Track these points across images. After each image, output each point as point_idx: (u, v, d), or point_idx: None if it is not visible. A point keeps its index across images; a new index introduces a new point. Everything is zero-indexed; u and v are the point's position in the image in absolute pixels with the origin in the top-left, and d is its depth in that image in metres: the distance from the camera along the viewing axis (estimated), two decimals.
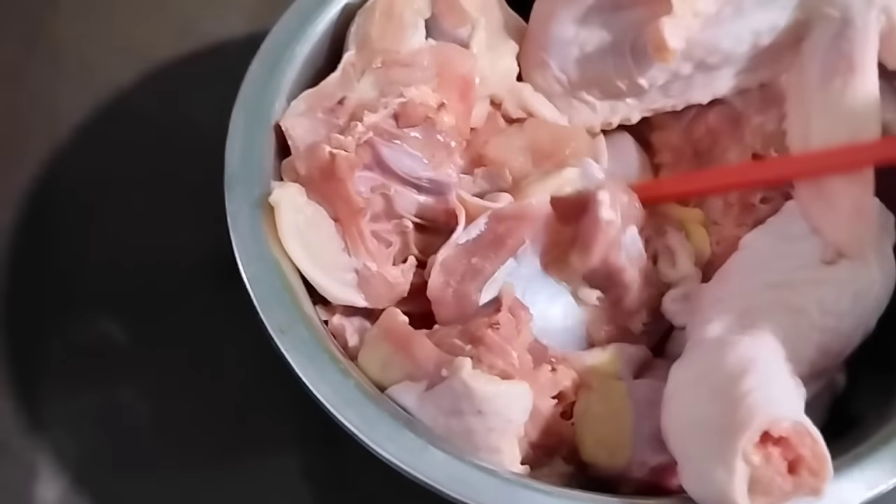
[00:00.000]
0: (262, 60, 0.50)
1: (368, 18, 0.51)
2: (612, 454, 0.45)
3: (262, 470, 0.53)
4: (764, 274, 0.46)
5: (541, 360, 0.45)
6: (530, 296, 0.48)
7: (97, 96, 0.65)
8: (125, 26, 0.68)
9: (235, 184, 0.46)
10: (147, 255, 0.59)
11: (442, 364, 0.42)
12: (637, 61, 0.50)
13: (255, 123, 0.48)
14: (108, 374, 0.55)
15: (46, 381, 0.55)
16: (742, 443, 0.37)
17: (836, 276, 0.45)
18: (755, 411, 0.38)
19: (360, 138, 0.47)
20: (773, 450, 0.38)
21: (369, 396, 0.42)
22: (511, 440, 0.43)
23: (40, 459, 0.53)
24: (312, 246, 0.46)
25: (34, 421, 0.54)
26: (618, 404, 0.45)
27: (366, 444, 0.41)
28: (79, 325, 0.57)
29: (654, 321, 0.50)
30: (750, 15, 0.48)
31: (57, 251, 0.59)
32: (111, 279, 0.58)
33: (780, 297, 0.45)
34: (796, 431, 0.38)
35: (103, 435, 0.54)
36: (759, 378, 0.40)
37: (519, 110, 0.53)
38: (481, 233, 0.47)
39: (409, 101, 0.48)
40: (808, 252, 0.46)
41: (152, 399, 0.55)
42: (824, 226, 0.46)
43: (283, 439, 0.54)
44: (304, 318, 0.44)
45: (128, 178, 0.62)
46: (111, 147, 0.63)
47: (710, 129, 0.53)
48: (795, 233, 0.47)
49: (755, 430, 0.37)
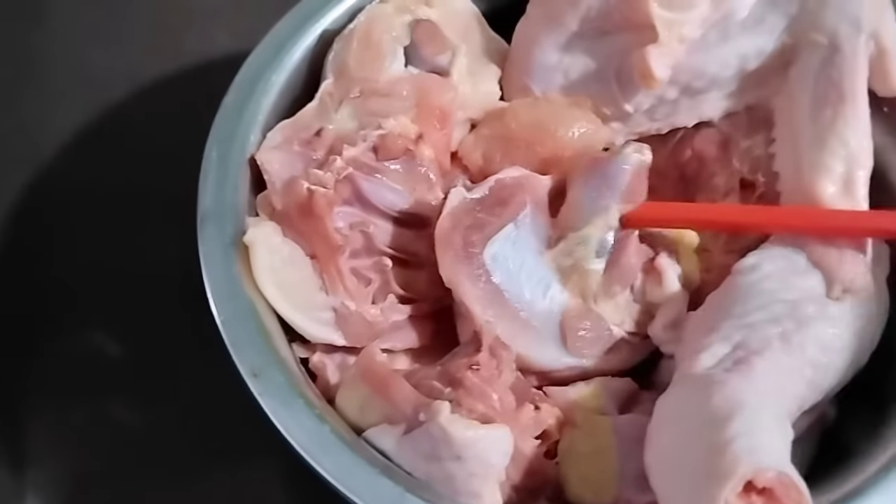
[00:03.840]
0: (236, 91, 0.49)
1: (346, 46, 0.50)
2: (597, 493, 0.44)
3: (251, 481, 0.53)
4: (765, 306, 0.45)
5: (523, 400, 0.44)
6: (525, 273, 0.47)
7: (85, 115, 0.65)
8: (112, 47, 0.68)
9: (208, 221, 0.45)
10: (135, 269, 0.59)
11: (420, 407, 0.41)
12: (622, 87, 0.50)
13: (229, 157, 0.47)
14: (97, 386, 0.56)
15: (34, 394, 0.55)
16: (725, 492, 0.36)
17: (840, 312, 0.45)
18: (739, 459, 0.37)
19: (340, 173, 0.46)
20: (757, 499, 0.37)
21: (345, 442, 0.41)
22: (492, 485, 0.42)
23: (28, 472, 0.53)
24: (288, 286, 0.45)
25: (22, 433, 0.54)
26: (603, 442, 0.44)
27: (341, 493, 0.40)
28: (67, 337, 0.57)
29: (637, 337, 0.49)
30: (736, 39, 0.48)
31: (45, 266, 0.60)
32: (99, 293, 0.58)
33: (780, 332, 0.44)
34: (781, 483, 0.37)
35: (91, 447, 0.54)
36: (746, 423, 0.38)
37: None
38: (485, 195, 0.47)
39: (388, 133, 0.47)
40: (814, 286, 0.45)
41: (141, 411, 0.55)
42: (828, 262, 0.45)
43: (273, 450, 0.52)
44: (278, 362, 0.43)
45: (116, 195, 0.62)
46: (99, 164, 0.64)
47: (696, 152, 0.52)
48: (800, 264, 0.46)
49: (738, 479, 0.36)
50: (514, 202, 0.48)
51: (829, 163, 0.45)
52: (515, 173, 0.49)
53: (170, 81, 0.67)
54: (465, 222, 0.47)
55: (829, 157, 0.45)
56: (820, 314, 0.44)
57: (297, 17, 0.51)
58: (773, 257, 0.47)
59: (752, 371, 0.42)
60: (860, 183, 0.45)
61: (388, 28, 0.49)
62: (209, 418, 0.54)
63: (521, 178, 0.49)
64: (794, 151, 0.47)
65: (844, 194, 0.45)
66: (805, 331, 0.44)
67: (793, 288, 0.45)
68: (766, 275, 0.46)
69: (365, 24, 0.50)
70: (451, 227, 0.47)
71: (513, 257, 0.48)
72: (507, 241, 0.48)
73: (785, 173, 0.47)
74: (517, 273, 0.47)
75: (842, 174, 0.45)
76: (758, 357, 0.43)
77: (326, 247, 0.46)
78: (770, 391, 0.42)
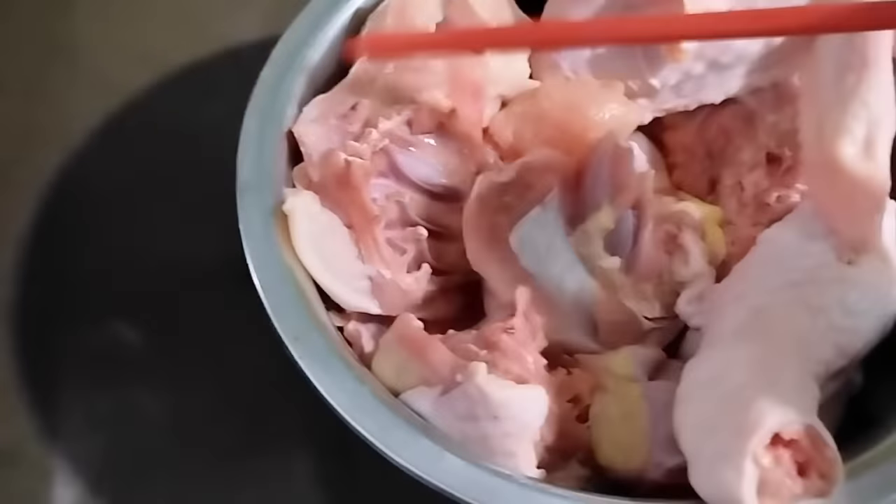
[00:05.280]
0: (273, 66, 0.50)
1: (380, 23, 0.51)
2: (628, 456, 0.45)
3: (277, 473, 0.53)
4: (784, 272, 0.46)
5: (556, 364, 0.45)
6: (553, 255, 0.47)
7: (113, 102, 0.65)
8: (141, 32, 0.69)
9: (247, 191, 0.46)
10: (162, 259, 0.59)
11: (457, 369, 0.42)
12: (649, 61, 0.50)
13: (266, 130, 0.48)
14: (124, 378, 0.56)
15: (62, 386, 0.55)
16: (752, 445, 0.37)
17: (858, 275, 0.45)
18: (766, 413, 0.38)
19: (376, 145, 0.47)
20: (784, 452, 0.38)
21: (385, 403, 0.42)
22: (527, 445, 0.43)
23: (56, 465, 0.53)
24: (326, 254, 0.46)
25: (50, 426, 0.54)
26: (633, 406, 0.45)
27: (382, 452, 0.41)
28: (95, 329, 0.57)
29: (667, 320, 0.49)
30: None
31: (72, 256, 0.60)
32: (127, 283, 0.59)
33: (801, 296, 0.45)
34: (807, 434, 0.38)
35: (119, 440, 0.54)
36: (772, 381, 0.39)
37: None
38: (512, 178, 0.48)
39: (422, 106, 0.48)
40: (830, 251, 0.46)
41: (168, 403, 0.55)
42: (841, 223, 0.46)
43: (299, 443, 0.54)
44: (318, 326, 0.44)
45: (143, 183, 0.62)
46: (127, 152, 0.64)
47: (723, 128, 0.53)
48: (816, 231, 0.47)
49: (766, 432, 0.38)
50: (540, 185, 0.48)
51: (851, 125, 0.45)
52: (542, 156, 0.50)
53: (199, 66, 0.67)
54: (493, 206, 0.48)
55: (850, 119, 0.45)
56: (838, 278, 0.45)
57: None
58: (791, 226, 0.48)
59: (776, 334, 0.43)
60: (882, 145, 0.45)
61: (422, 5, 0.50)
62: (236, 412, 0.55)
63: (548, 160, 0.49)
64: (817, 118, 0.47)
65: (865, 156, 0.45)
66: (826, 294, 0.44)
67: (810, 254, 0.46)
68: (786, 243, 0.47)
69: (399, 2, 0.50)
70: (478, 212, 0.48)
71: (541, 240, 0.48)
72: (534, 225, 0.48)
73: (808, 140, 0.47)
74: (544, 256, 0.48)
75: (863, 136, 0.45)
76: (781, 320, 0.44)
77: (363, 217, 0.47)
78: (794, 353, 0.43)
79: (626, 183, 0.48)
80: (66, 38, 0.68)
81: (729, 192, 0.52)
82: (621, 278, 0.48)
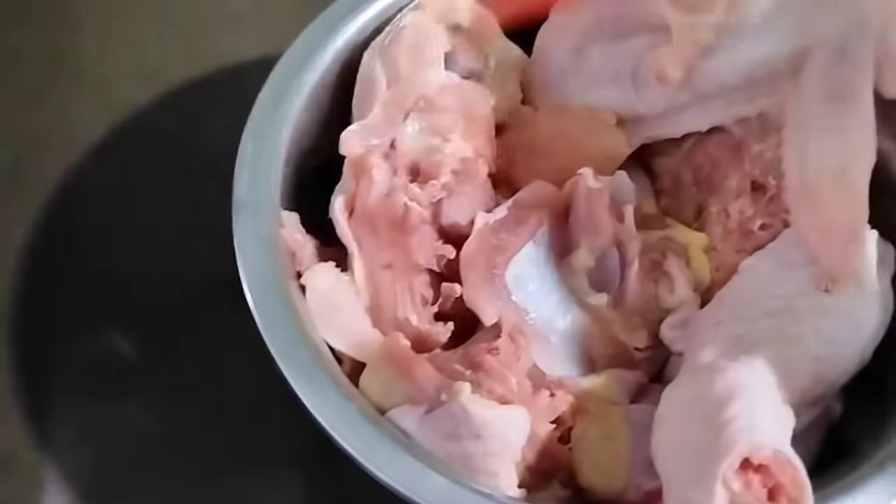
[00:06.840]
0: (271, 89, 0.51)
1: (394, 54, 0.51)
2: (608, 478, 0.45)
3: (267, 486, 0.54)
4: (763, 301, 0.47)
5: (539, 386, 0.46)
6: (546, 291, 0.49)
7: (116, 117, 0.66)
8: (143, 49, 0.70)
9: (243, 209, 0.47)
10: (158, 271, 0.60)
11: (442, 388, 0.43)
12: (638, 89, 0.51)
13: (263, 151, 0.49)
14: (118, 388, 0.56)
15: (56, 395, 0.56)
16: (722, 468, 0.38)
17: (835, 304, 0.46)
18: (737, 437, 0.39)
19: (435, 197, 0.48)
20: (754, 477, 0.38)
21: (370, 420, 0.43)
22: (508, 464, 0.43)
23: (48, 472, 0.53)
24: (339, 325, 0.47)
25: (43, 434, 0.55)
26: (615, 429, 0.46)
27: (366, 468, 0.41)
28: (90, 339, 0.58)
29: (655, 348, 0.50)
30: (749, 45, 0.49)
31: (70, 266, 0.60)
32: (123, 294, 0.59)
33: (778, 326, 0.46)
34: (777, 460, 0.38)
35: (111, 449, 0.55)
36: (746, 404, 0.40)
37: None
38: (505, 216, 0.49)
39: (468, 158, 0.49)
40: (807, 280, 0.47)
41: (160, 415, 0.56)
42: (819, 251, 0.47)
43: (290, 457, 0.55)
44: (307, 343, 0.44)
45: (142, 196, 0.63)
46: (128, 166, 0.64)
47: (709, 156, 0.53)
48: (795, 260, 0.48)
49: (736, 456, 0.38)
50: (530, 221, 0.49)
51: (831, 156, 0.46)
52: (532, 191, 0.51)
53: (200, 82, 0.68)
54: (490, 244, 0.49)
55: (830, 150, 0.46)
56: (815, 306, 0.46)
57: (328, 21, 0.53)
58: (771, 256, 0.49)
59: (753, 361, 0.44)
60: (861, 177, 0.46)
61: (432, 36, 0.51)
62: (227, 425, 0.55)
63: (538, 196, 0.51)
64: (799, 149, 0.48)
65: (843, 187, 0.46)
66: (803, 323, 0.45)
67: (788, 283, 0.47)
68: (765, 272, 0.48)
69: (410, 32, 0.51)
70: (476, 250, 0.48)
71: (534, 277, 0.49)
72: (528, 261, 0.49)
73: (789, 168, 0.49)
74: (537, 292, 0.49)
75: (842, 167, 0.46)
76: (759, 348, 0.44)
77: (407, 262, 0.48)
78: (771, 380, 0.43)
79: (599, 225, 0.49)
80: (71, 54, 0.69)
81: (714, 219, 0.53)
82: (610, 313, 0.49)
